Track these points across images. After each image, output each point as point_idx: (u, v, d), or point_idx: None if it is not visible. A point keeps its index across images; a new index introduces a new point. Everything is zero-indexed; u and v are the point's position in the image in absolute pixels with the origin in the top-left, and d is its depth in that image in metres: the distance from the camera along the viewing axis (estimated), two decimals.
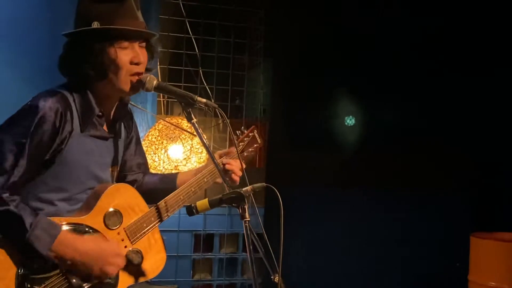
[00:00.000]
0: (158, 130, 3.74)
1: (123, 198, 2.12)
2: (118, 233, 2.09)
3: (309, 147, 4.65)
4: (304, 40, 4.58)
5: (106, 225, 2.06)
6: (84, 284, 1.99)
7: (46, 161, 1.99)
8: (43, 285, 1.90)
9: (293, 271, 3.49)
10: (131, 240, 2.12)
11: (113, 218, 2.07)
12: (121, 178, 2.34)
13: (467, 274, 3.92)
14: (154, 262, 2.20)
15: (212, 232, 4.32)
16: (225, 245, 4.36)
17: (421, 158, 4.84)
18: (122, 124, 2.28)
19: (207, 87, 4.23)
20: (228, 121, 2.33)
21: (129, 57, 2.08)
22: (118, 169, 2.27)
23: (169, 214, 2.23)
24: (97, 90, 2.09)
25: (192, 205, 2.04)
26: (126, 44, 2.07)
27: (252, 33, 4.45)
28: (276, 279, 2.03)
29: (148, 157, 3.69)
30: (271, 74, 4.58)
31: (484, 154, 4.87)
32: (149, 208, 2.19)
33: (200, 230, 4.27)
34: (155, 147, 3.67)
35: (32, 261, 1.89)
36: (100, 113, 2.11)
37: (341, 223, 4.63)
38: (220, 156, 2.41)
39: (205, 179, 2.33)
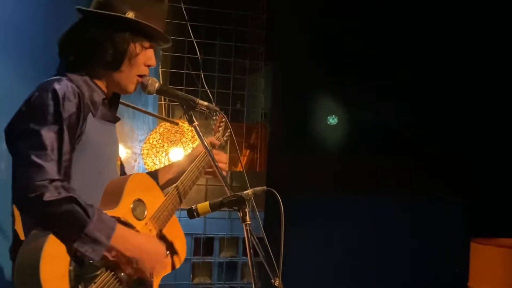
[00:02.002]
0: (159, 133, 3.75)
1: (144, 187, 2.10)
2: (146, 224, 2.06)
3: (309, 151, 4.65)
4: (305, 44, 4.59)
5: (134, 217, 2.02)
6: (130, 279, 1.96)
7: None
8: (93, 284, 1.83)
9: (293, 275, 3.49)
10: (158, 229, 2.10)
11: (139, 208, 2.05)
12: None
13: (467, 280, 3.91)
14: (179, 248, 2.20)
15: (212, 235, 4.31)
16: (225, 248, 4.35)
17: (421, 163, 4.85)
18: None
19: (208, 90, 4.23)
20: (229, 124, 2.34)
21: (145, 58, 2.07)
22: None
23: (182, 199, 2.21)
24: (97, 78, 2.04)
25: (193, 207, 2.04)
26: (147, 45, 2.06)
27: (253, 37, 4.46)
28: (277, 283, 2.03)
29: (149, 160, 3.70)
30: (272, 78, 4.59)
31: (484, 160, 4.88)
32: (164, 194, 2.17)
33: (200, 234, 4.26)
34: (156, 150, 3.67)
35: (83, 258, 1.81)
36: (104, 96, 2.05)
37: (341, 226, 4.64)
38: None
39: (202, 163, 2.32)
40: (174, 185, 2.21)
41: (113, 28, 1.99)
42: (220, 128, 2.51)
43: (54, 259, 1.75)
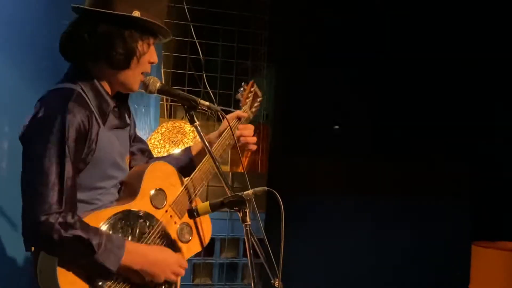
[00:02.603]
0: (160, 133, 3.74)
1: (163, 175, 2.14)
2: (166, 211, 2.12)
3: (311, 153, 4.65)
4: (308, 45, 4.59)
5: (153, 206, 2.08)
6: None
7: (80, 163, 1.95)
8: None
9: (293, 276, 3.49)
10: (179, 215, 2.15)
11: (158, 197, 2.09)
12: None
13: (468, 284, 3.90)
14: (202, 230, 2.27)
15: (212, 236, 4.28)
16: (226, 249, 4.35)
17: (422, 166, 4.84)
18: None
19: (210, 91, 4.23)
20: (231, 125, 2.33)
21: (150, 55, 2.08)
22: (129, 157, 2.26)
23: (204, 183, 2.25)
24: (103, 79, 2.05)
25: (193, 207, 2.05)
26: (152, 42, 2.08)
27: (255, 38, 4.45)
28: (277, 283, 2.03)
29: None
30: (274, 79, 4.59)
31: (486, 163, 4.86)
32: (185, 180, 2.21)
33: None
34: (157, 150, 3.66)
35: (98, 277, 1.91)
36: (115, 104, 2.08)
37: (341, 228, 4.63)
38: (232, 120, 2.40)
39: (227, 142, 2.35)
40: (197, 167, 2.24)
41: (123, 27, 2.00)
42: (247, 100, 2.49)
43: (71, 281, 1.86)
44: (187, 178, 2.23)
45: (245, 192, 2.00)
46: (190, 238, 2.20)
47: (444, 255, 4.75)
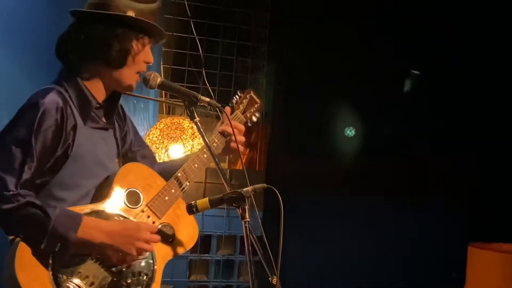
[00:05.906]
0: (159, 129, 3.74)
1: (138, 176, 2.12)
2: (143, 211, 2.09)
3: (309, 151, 4.65)
4: (308, 44, 4.58)
5: (127, 205, 2.06)
6: (121, 267, 1.99)
7: (58, 158, 1.97)
8: (78, 274, 1.89)
9: (290, 274, 3.49)
10: (158, 215, 2.12)
11: (133, 197, 2.07)
12: None
13: (464, 285, 3.91)
14: (187, 233, 2.20)
15: (209, 233, 4.31)
16: (222, 246, 4.35)
17: (419, 168, 4.84)
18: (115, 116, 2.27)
19: (209, 88, 4.22)
20: (230, 121, 2.33)
21: (145, 55, 2.10)
22: (122, 161, 2.26)
23: (188, 183, 2.20)
24: (94, 80, 2.08)
25: (192, 203, 2.04)
26: (147, 41, 2.10)
27: (256, 35, 4.45)
28: (274, 280, 2.02)
29: None
30: (274, 77, 4.58)
31: (481, 165, 4.87)
32: (167, 181, 2.17)
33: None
34: (155, 146, 3.66)
35: (61, 255, 1.88)
36: (98, 105, 2.10)
37: (339, 227, 4.63)
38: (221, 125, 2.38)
39: (215, 144, 2.32)
40: (180, 169, 2.22)
41: (118, 26, 2.04)
42: (241, 105, 2.47)
43: (28, 264, 1.83)
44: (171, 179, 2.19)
45: (244, 189, 2.00)
46: (171, 237, 2.15)
47: (441, 257, 4.75)
